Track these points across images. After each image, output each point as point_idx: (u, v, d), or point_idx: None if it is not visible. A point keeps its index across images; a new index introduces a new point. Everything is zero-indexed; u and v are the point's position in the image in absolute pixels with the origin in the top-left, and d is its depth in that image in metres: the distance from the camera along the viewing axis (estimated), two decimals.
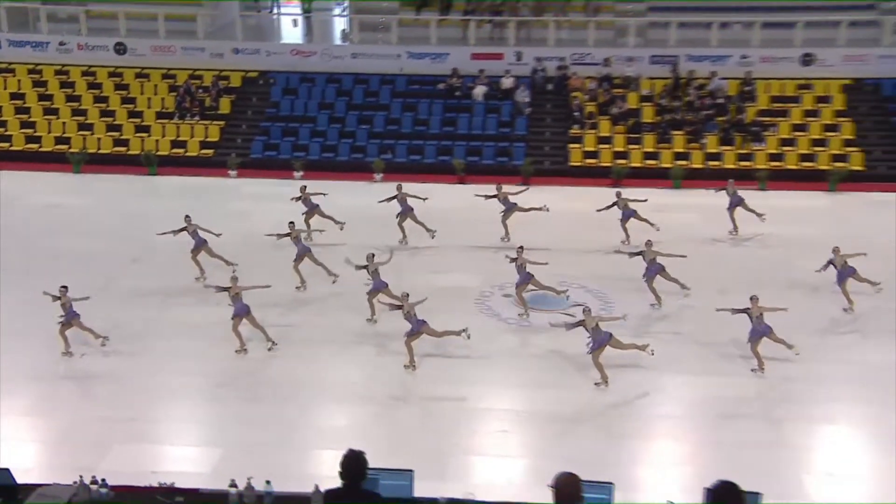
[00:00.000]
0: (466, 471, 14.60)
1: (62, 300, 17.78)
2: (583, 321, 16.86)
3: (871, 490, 13.99)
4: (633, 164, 28.28)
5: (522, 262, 19.69)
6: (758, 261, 22.13)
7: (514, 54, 31.43)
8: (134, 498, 10.91)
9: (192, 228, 21.28)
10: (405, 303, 17.46)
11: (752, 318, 16.97)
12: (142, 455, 14.76)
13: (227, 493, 10.82)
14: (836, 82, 29.73)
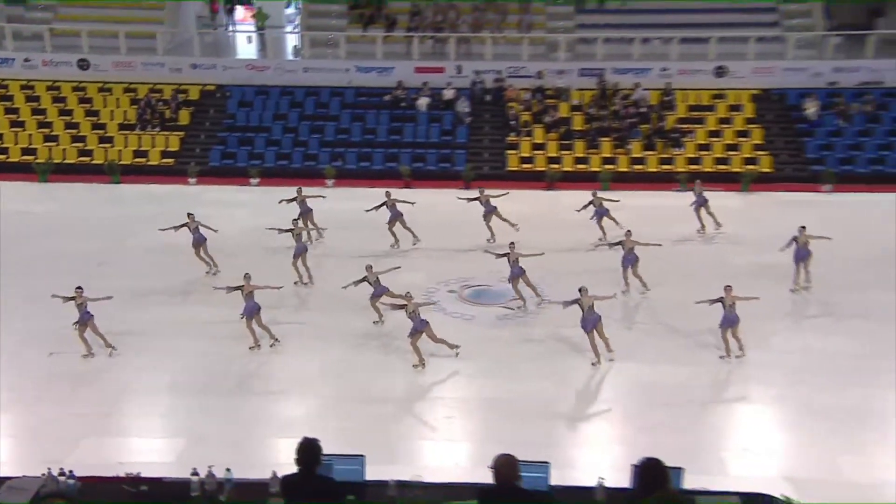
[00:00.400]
0: (415, 455, 14.49)
1: (77, 300, 17.16)
2: (579, 300, 16.86)
3: (783, 463, 14.18)
4: (566, 168, 28.44)
5: (515, 256, 19.56)
6: (685, 255, 22.30)
7: (454, 68, 31.42)
8: (100, 488, 10.61)
9: (194, 225, 21.03)
10: (409, 302, 17.15)
11: (726, 306, 16.96)
12: (110, 448, 14.40)
13: (189, 480, 10.59)
14: (747, 92, 30.19)
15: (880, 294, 19.64)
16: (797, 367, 16.93)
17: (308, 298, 20.24)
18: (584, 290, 16.96)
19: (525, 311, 19.47)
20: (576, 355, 17.39)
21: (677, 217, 23.73)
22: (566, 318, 18.71)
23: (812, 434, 14.92)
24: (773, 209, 23.45)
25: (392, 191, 23.61)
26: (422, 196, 26.75)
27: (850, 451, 14.28)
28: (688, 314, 18.58)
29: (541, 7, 33.25)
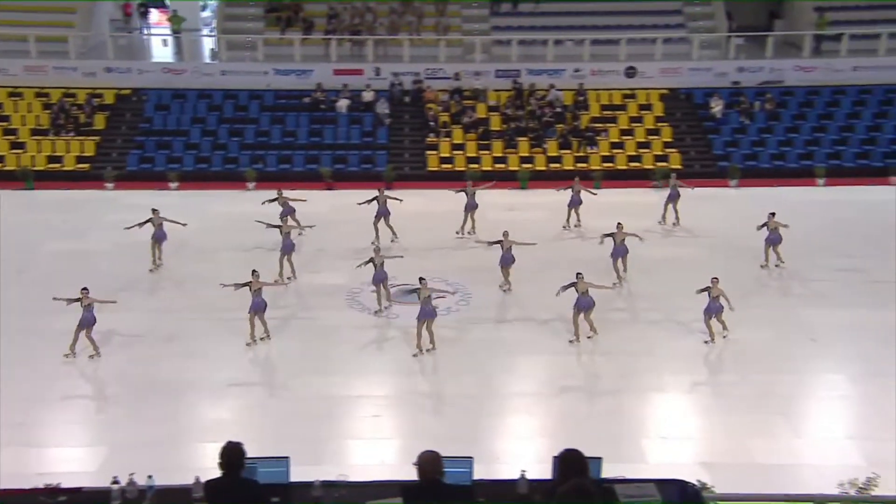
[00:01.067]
0: (342, 455, 14.40)
1: (84, 301, 16.86)
2: (575, 283, 17.38)
3: (698, 449, 14.53)
4: (485, 167, 28.61)
5: (509, 244, 19.89)
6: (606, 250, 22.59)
7: (373, 70, 31.31)
8: (16, 500, 10.22)
9: (159, 221, 21.01)
10: (424, 287, 17.35)
11: (711, 296, 17.44)
12: (29, 458, 13.92)
13: (110, 489, 10.29)
14: (656, 92, 30.84)
15: (784, 283, 20.29)
16: (709, 356, 17.37)
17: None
18: (580, 276, 17.63)
19: (509, 291, 20.01)
20: (500, 351, 17.51)
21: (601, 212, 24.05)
22: (490, 314, 18.90)
23: (725, 420, 15.33)
24: (683, 204, 23.96)
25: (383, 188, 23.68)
26: (346, 197, 26.68)
27: (759, 434, 14.74)
28: (607, 307, 18.90)
29: (456, 11, 33.38)
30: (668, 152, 29.00)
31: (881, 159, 28.38)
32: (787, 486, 11.83)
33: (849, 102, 30.36)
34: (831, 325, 18.41)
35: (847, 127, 29.60)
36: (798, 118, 30.05)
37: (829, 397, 16.32)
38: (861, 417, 15.72)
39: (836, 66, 31.07)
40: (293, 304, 19.66)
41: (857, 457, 13.88)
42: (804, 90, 30.81)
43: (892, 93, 30.49)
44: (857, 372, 16.77)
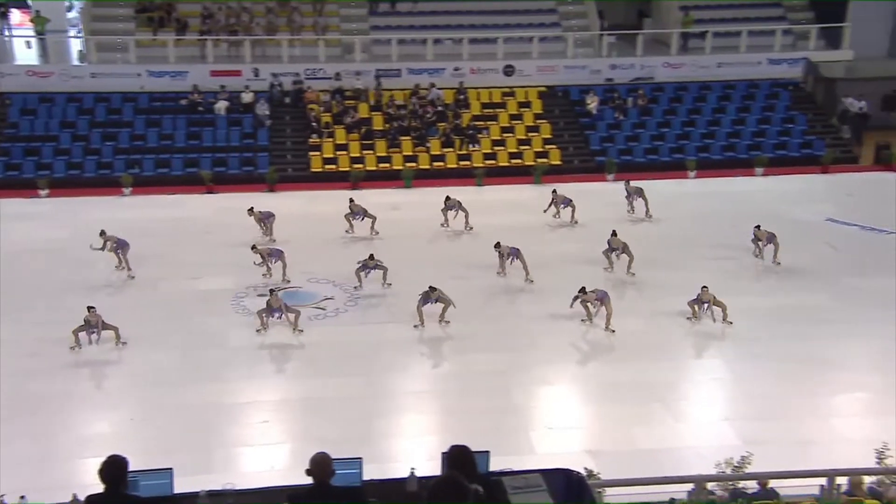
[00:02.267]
0: (231, 462, 14.12)
1: (92, 319, 16.90)
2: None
3: (585, 438, 14.90)
4: (369, 167, 28.53)
5: (504, 250, 20.33)
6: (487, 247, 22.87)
7: (251, 71, 30.76)
8: None
9: (112, 238, 20.61)
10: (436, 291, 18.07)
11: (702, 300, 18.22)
12: None
13: None
14: (534, 90, 31.42)
15: (662, 273, 21.00)
16: (591, 348, 17.82)
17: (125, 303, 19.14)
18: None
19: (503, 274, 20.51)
20: (388, 351, 17.50)
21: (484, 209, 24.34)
22: (378, 315, 18.85)
23: (609, 408, 15.77)
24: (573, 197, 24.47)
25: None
26: (225, 201, 26.17)
27: (641, 421, 15.23)
28: (496, 302, 19.16)
29: (334, 10, 33.14)
30: (548, 148, 29.59)
31: (746, 151, 29.74)
32: (668, 469, 12.25)
33: (714, 98, 31.69)
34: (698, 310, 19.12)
35: (714, 121, 30.90)
36: (668, 113, 31.19)
37: (705, 381, 16.99)
38: (736, 399, 16.45)
39: (702, 63, 32.38)
40: (176, 311, 19.11)
41: (733, 437, 14.52)
42: (673, 86, 32.00)
43: (753, 87, 31.99)
44: (731, 355, 17.53)
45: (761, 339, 17.99)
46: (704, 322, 18.46)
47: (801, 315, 18.94)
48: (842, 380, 16.69)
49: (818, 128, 30.96)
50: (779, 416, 15.24)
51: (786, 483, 11.04)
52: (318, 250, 22.36)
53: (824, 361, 17.10)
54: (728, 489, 11.82)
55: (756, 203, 24.71)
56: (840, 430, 15.16)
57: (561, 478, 5.65)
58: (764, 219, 21.80)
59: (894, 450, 12.50)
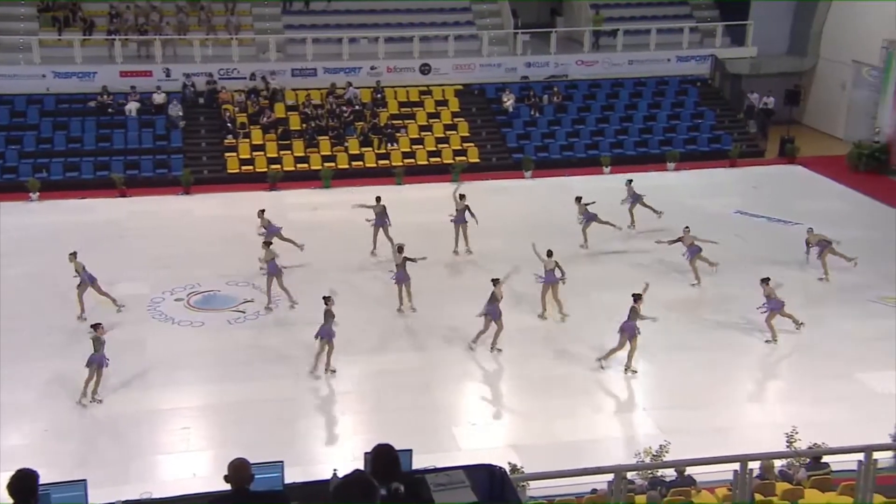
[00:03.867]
0: (150, 472, 13.82)
1: (100, 334, 15.67)
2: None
3: (508, 433, 15.06)
4: (287, 168, 28.21)
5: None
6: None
7: (163, 71, 30.10)
8: None
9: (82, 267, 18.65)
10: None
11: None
12: None
13: None
14: (451, 88, 31.56)
15: (578, 268, 21.33)
16: (510, 342, 17.95)
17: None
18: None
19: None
20: (308, 352, 17.33)
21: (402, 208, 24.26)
22: (297, 317, 18.67)
23: (532, 402, 15.97)
24: (483, 196, 24.63)
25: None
26: (139, 204, 25.58)
27: (563, 413, 15.47)
28: (417, 300, 19.18)
29: (246, 10, 32.67)
30: (466, 146, 29.76)
31: (658, 146, 30.45)
32: (589, 460, 12.44)
33: (627, 94, 32.34)
34: (622, 305, 19.48)
35: (626, 117, 31.53)
36: (583, 110, 31.70)
37: (624, 373, 17.31)
38: (653, 389, 16.85)
39: (614, 61, 33.01)
40: (90, 318, 18.55)
41: (651, 426, 14.89)
42: (587, 83, 32.53)
43: (663, 84, 32.76)
44: (648, 346, 17.89)
45: (676, 330, 18.45)
46: (620, 315, 18.80)
47: (713, 305, 19.49)
48: (753, 367, 17.26)
49: (726, 123, 31.90)
50: (695, 405, 15.68)
51: (702, 469, 11.37)
52: (236, 253, 22.00)
53: (737, 350, 17.65)
54: (647, 478, 12.12)
55: (668, 196, 25.28)
56: (753, 417, 15.70)
57: (484, 473, 5.69)
58: (677, 212, 22.36)
59: (803, 433, 13.01)
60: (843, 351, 17.49)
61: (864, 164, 29.12)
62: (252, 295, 19.76)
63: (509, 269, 18.42)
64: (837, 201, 26.64)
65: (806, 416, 14.41)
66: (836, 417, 14.90)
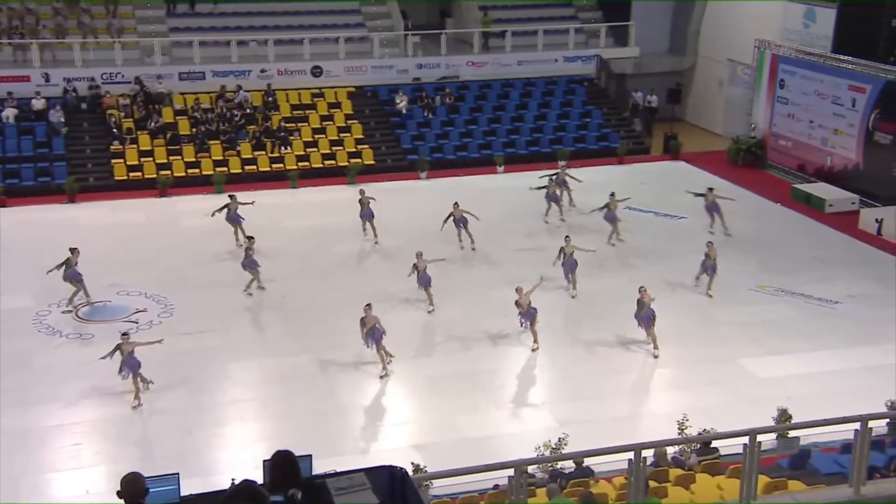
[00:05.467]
0: (40, 489, 13.29)
1: (126, 347, 15.45)
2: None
3: (411, 432, 15.08)
4: (177, 173, 27.47)
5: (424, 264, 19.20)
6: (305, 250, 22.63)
7: (41, 76, 28.88)
8: None
9: (75, 260, 19.04)
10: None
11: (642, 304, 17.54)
12: None
13: None
14: (343, 90, 31.36)
15: (476, 265, 21.55)
16: (410, 341, 18.01)
17: None
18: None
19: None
20: (207, 360, 16.98)
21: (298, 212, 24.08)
22: (193, 324, 18.25)
23: (433, 401, 16.05)
24: (380, 197, 24.57)
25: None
26: (20, 214, 24.54)
27: (464, 411, 15.60)
28: (310, 304, 19.01)
29: (129, 12, 31.67)
30: (361, 149, 29.63)
31: (549, 145, 31.01)
32: (491, 455, 12.59)
33: (517, 94, 32.80)
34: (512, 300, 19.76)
35: (518, 117, 31.98)
36: (475, 111, 32.00)
37: (522, 368, 17.60)
38: (551, 383, 17.18)
39: (503, 61, 33.43)
40: None
41: (551, 420, 15.16)
42: (478, 84, 32.84)
43: (552, 84, 33.36)
44: (544, 341, 18.22)
45: (570, 324, 18.86)
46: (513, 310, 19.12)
47: (603, 299, 19.94)
48: (644, 357, 17.77)
49: (613, 121, 32.73)
50: (591, 397, 16.06)
51: (599, 460, 11.64)
52: (126, 261, 21.34)
53: (628, 341, 18.13)
54: (547, 470, 12.34)
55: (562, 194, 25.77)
56: (646, 405, 16.20)
57: (385, 474, 5.69)
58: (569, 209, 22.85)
59: (692, 420, 13.49)
60: (725, 337, 18.22)
61: (742, 159, 30.37)
62: (144, 304, 19.19)
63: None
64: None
65: (694, 403, 14.94)
66: (722, 403, 15.53)
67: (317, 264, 21.61)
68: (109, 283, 19.99)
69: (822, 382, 16.21)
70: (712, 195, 23.58)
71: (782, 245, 23.23)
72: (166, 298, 19.57)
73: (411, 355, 17.55)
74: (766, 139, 30.49)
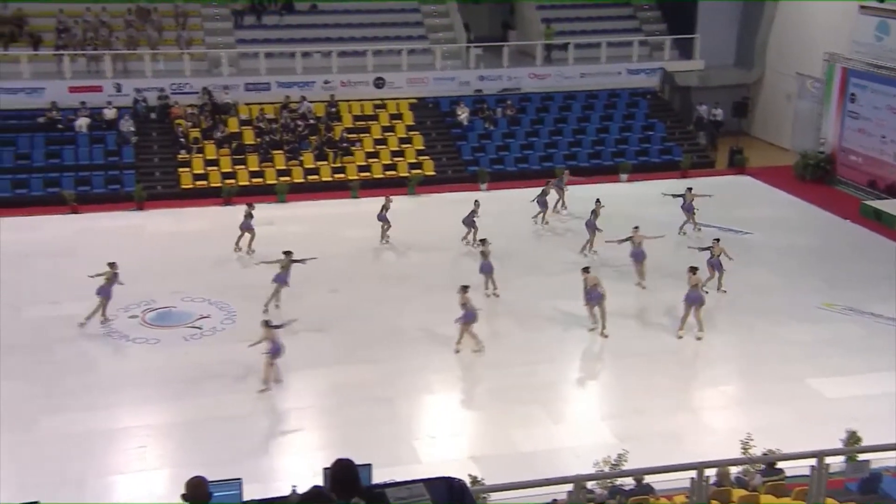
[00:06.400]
0: (106, 492, 13.55)
1: (266, 336, 16.23)
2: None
3: (467, 444, 15.04)
4: (241, 182, 27.98)
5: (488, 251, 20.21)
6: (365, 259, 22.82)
7: (113, 86, 29.69)
8: None
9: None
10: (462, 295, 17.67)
11: (689, 285, 18.31)
12: None
13: None
14: (405, 101, 31.60)
15: (531, 279, 21.47)
16: (467, 353, 17.97)
17: None
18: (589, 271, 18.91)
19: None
20: (261, 368, 17.16)
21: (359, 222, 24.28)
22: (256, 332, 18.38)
23: (489, 414, 15.99)
24: (439, 208, 24.67)
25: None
26: (90, 221, 25.20)
27: (520, 424, 15.49)
28: (369, 314, 19.12)
29: (198, 24, 32.42)
30: (421, 159, 29.80)
31: (610, 158, 30.79)
32: (548, 470, 12.49)
33: (579, 107, 32.68)
34: (572, 313, 19.64)
35: (579, 129, 31.84)
36: (536, 123, 31.95)
37: (581, 381, 17.46)
38: (610, 398, 16.98)
39: (566, 74, 33.34)
40: (41, 337, 18.21)
41: (609, 435, 14.97)
42: (539, 96, 32.80)
43: (614, 97, 33.17)
44: (604, 355, 18.08)
45: (631, 338, 18.63)
46: (577, 324, 18.97)
47: (666, 314, 19.71)
48: (707, 374, 17.50)
49: (676, 134, 32.38)
50: (651, 412, 15.82)
51: (659, 478, 11.46)
52: (191, 268, 21.77)
53: (691, 357, 17.87)
54: (606, 487, 12.19)
55: (622, 207, 25.55)
56: (708, 423, 15.89)
57: (443, 486, 5.67)
58: (630, 221, 22.54)
59: (757, 439, 13.20)
60: (792, 356, 17.80)
61: (810, 174, 29.76)
62: (208, 311, 19.53)
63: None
64: (785, 210, 27.17)
65: (758, 422, 14.61)
66: (786, 422, 15.17)
67: (377, 273, 21.73)
68: (174, 289, 20.38)
69: (893, 404, 15.73)
70: (691, 195, 24.23)
71: (850, 262, 22.67)
72: (229, 305, 19.88)
73: (468, 365, 17.53)
74: (835, 154, 29.82)
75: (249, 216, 22.75)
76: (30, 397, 16.00)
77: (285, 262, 19.60)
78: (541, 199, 24.99)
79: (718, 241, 20.83)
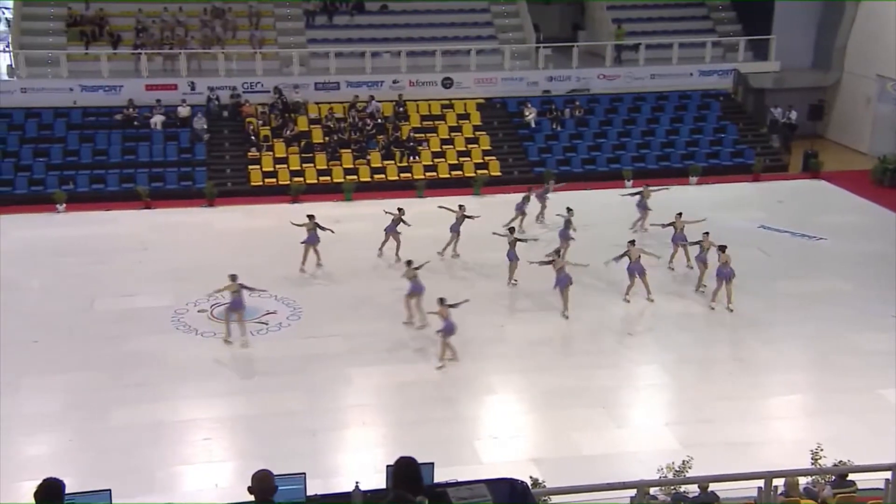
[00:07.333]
0: (173, 482, 13.86)
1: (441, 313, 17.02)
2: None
3: (529, 446, 14.97)
4: (309, 181, 28.36)
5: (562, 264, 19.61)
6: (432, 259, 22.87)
7: (187, 84, 30.38)
8: None
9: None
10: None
11: (720, 262, 19.23)
12: None
13: None
14: (472, 102, 31.62)
15: (595, 280, 21.26)
16: (532, 355, 17.90)
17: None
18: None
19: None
20: (333, 365, 17.38)
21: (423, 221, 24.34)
22: (322, 329, 18.66)
23: (551, 415, 15.89)
24: (503, 208, 24.58)
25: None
26: (163, 216, 25.81)
27: (582, 427, 15.37)
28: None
29: (270, 24, 32.95)
30: (488, 160, 29.79)
31: (680, 160, 30.34)
32: (611, 474, 12.37)
33: (648, 108, 32.27)
34: (636, 316, 19.42)
35: (648, 131, 31.45)
36: (604, 124, 31.66)
37: (645, 386, 17.24)
38: (675, 403, 16.73)
39: (635, 75, 32.97)
40: (114, 330, 18.72)
41: (673, 441, 14.75)
42: (608, 97, 32.49)
43: (685, 98, 32.68)
44: (668, 360, 17.81)
45: (697, 344, 18.34)
46: (642, 329, 18.76)
47: (734, 319, 19.36)
48: (775, 382, 17.10)
49: (749, 137, 31.74)
50: (717, 419, 15.54)
51: (725, 486, 11.24)
52: (258, 264, 22.10)
53: (758, 364, 17.51)
54: (670, 493, 12.01)
55: (691, 210, 25.12)
56: (775, 432, 15.53)
57: (506, 487, 5.68)
58: (701, 226, 22.22)
59: (828, 450, 12.85)
60: (864, 366, 17.29)
61: (888, 179, 28.87)
62: (275, 307, 19.83)
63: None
64: (861, 216, 26.41)
65: (828, 432, 14.24)
66: (857, 433, 14.75)
67: (443, 273, 21.77)
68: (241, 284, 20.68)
69: None
70: (647, 191, 24.56)
71: None
72: (295, 302, 20.15)
73: (530, 367, 17.46)
74: None
75: (399, 221, 22.33)
76: (102, 387, 16.46)
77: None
78: (521, 205, 24.52)
79: (708, 235, 20.57)
